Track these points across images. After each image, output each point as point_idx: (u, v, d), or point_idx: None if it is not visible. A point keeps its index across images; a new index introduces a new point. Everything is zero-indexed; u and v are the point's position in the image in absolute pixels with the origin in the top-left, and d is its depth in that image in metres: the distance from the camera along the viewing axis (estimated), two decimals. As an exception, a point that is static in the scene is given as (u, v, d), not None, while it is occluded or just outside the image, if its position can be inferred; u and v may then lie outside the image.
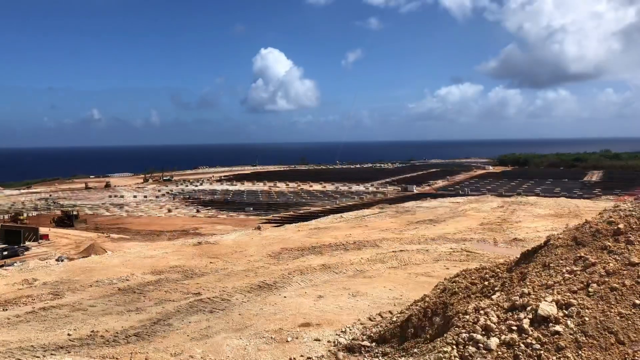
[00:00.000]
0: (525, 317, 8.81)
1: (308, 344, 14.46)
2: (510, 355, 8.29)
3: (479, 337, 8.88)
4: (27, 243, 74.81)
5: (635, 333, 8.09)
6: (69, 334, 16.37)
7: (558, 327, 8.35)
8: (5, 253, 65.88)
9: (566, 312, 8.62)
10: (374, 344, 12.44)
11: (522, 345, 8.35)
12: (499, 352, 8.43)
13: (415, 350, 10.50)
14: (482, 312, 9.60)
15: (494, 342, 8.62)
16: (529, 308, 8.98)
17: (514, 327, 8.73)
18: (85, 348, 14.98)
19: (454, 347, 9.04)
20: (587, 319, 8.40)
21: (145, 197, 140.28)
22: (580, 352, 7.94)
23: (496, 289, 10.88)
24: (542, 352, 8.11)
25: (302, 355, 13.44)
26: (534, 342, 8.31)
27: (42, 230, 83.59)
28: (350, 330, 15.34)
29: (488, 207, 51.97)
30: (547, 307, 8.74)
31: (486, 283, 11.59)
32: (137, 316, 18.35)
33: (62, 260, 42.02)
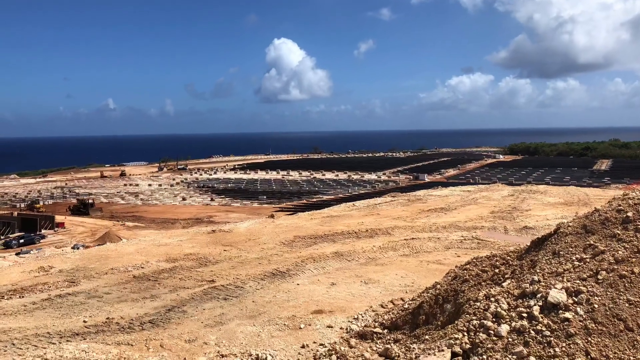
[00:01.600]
0: (535, 304, 8.88)
1: (321, 331, 14.57)
2: (520, 341, 8.37)
3: (489, 323, 8.97)
4: (43, 231, 75.99)
5: (644, 320, 8.13)
6: (84, 321, 16.55)
7: (568, 314, 8.42)
8: (22, 241, 67.01)
9: (576, 300, 8.68)
10: (385, 330, 12.52)
11: (532, 331, 8.43)
12: (510, 339, 8.51)
13: (427, 336, 10.60)
14: (492, 299, 9.67)
15: (504, 328, 8.71)
16: (539, 295, 9.04)
17: (524, 314, 8.81)
18: (101, 334, 15.16)
19: (465, 333, 9.14)
20: (596, 306, 8.46)
21: (159, 185, 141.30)
22: (589, 339, 8.00)
23: (506, 276, 10.93)
24: (552, 338, 8.19)
25: (314, 342, 13.55)
26: (544, 328, 8.38)
27: (58, 218, 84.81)
28: (362, 317, 15.45)
29: (498, 196, 51.69)
30: (557, 295, 8.80)
31: (497, 270, 11.64)
32: (151, 303, 18.55)
33: (78, 248, 42.57)
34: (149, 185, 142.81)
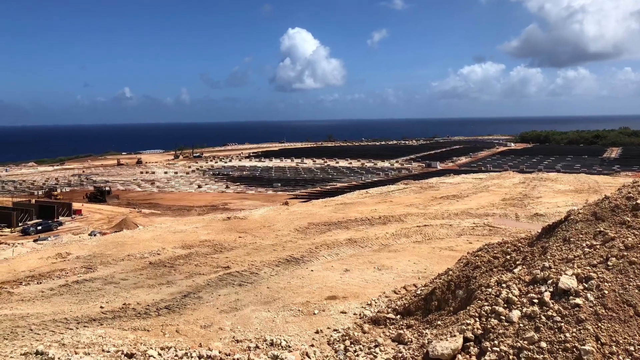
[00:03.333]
0: (546, 290, 8.94)
1: (334, 317, 14.70)
2: (531, 327, 8.44)
3: (501, 309, 9.05)
4: (60, 218, 76.64)
5: (654, 306, 8.16)
6: (101, 307, 16.83)
7: (578, 300, 8.47)
8: (39, 228, 67.65)
9: (586, 286, 8.72)
10: (398, 316, 12.64)
11: (543, 317, 8.49)
12: (521, 324, 8.59)
13: (439, 322, 10.70)
14: (504, 285, 9.74)
15: (515, 314, 8.78)
16: (549, 281, 9.10)
17: (535, 300, 8.87)
18: (118, 320, 15.40)
19: (477, 319, 9.22)
20: (606, 292, 8.49)
21: (175, 173, 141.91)
22: (599, 325, 8.05)
23: (518, 262, 10.98)
24: (562, 324, 8.24)
25: (328, 327, 13.67)
26: (554, 314, 8.44)
27: (75, 205, 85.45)
28: (375, 303, 15.57)
29: (510, 183, 51.62)
30: (567, 281, 8.85)
31: (508, 257, 11.69)
32: (167, 289, 18.80)
33: (95, 235, 42.98)
34: (165, 172, 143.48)
